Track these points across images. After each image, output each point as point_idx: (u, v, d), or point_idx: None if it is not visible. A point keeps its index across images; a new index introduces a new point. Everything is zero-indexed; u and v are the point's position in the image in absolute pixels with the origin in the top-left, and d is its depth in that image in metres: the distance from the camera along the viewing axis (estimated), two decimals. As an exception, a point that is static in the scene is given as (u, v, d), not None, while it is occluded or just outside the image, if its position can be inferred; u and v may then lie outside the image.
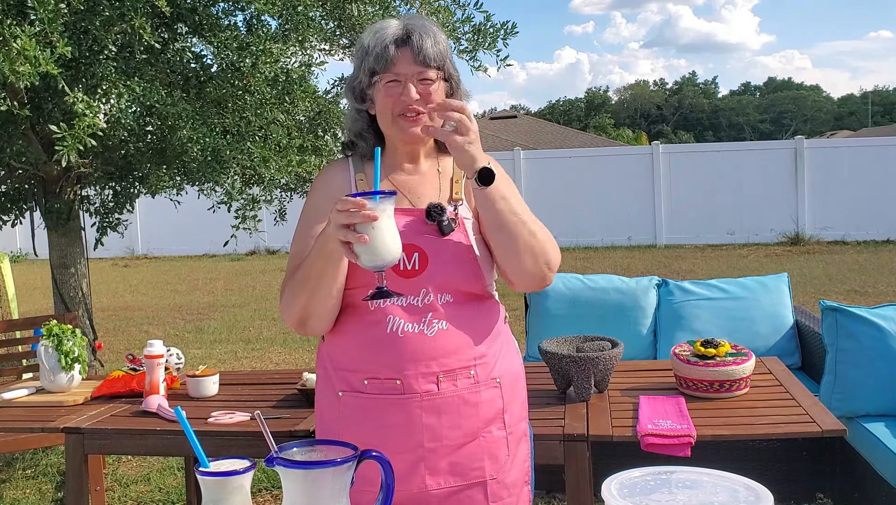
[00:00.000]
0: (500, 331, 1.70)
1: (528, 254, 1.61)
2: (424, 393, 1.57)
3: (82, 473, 2.42)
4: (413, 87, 1.61)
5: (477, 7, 4.43)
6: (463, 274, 1.61)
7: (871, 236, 14.54)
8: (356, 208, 1.37)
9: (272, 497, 3.72)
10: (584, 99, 68.68)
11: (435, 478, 1.59)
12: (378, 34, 1.64)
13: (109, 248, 7.20)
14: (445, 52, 1.65)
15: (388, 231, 1.41)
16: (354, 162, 1.74)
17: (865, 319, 3.05)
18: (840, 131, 44.93)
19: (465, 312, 1.62)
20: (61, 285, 5.01)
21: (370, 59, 1.63)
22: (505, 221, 1.58)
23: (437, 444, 1.59)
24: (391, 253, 1.41)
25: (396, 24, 1.65)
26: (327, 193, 1.70)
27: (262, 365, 6.74)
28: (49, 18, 3.26)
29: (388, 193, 1.41)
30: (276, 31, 4.28)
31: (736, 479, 0.99)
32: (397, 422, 1.58)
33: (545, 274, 1.65)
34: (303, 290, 1.59)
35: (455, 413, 1.59)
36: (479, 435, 1.61)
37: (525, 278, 1.65)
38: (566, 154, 17.38)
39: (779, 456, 3.30)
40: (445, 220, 1.61)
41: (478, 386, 1.61)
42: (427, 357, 1.57)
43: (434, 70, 1.63)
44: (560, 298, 3.99)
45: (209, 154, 4.14)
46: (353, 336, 1.62)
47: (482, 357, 1.62)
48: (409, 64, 1.62)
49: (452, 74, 1.68)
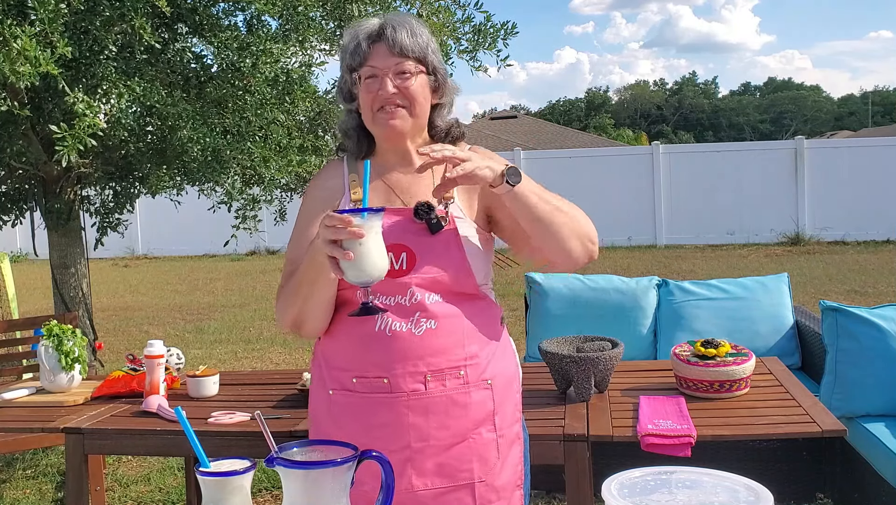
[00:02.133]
0: (495, 332, 1.68)
1: (574, 237, 1.61)
2: (411, 392, 1.56)
3: (82, 473, 2.41)
4: (389, 81, 1.60)
5: (477, 7, 4.43)
6: (451, 273, 1.60)
7: (871, 236, 14.53)
8: (342, 225, 1.36)
9: (272, 497, 3.72)
10: (585, 99, 68.65)
11: (422, 479, 1.58)
12: (353, 31, 1.65)
13: (109, 248, 7.19)
14: (425, 44, 1.63)
15: (375, 248, 1.39)
16: (349, 162, 1.73)
17: (865, 319, 3.05)
18: (840, 131, 44.90)
19: (456, 312, 1.60)
20: (61, 285, 5.01)
21: (347, 57, 1.64)
22: (543, 213, 1.57)
23: (425, 444, 1.58)
24: (377, 270, 1.40)
25: (375, 21, 1.65)
26: (322, 196, 1.70)
27: (262, 365, 6.74)
28: (49, 18, 3.26)
29: (376, 210, 1.40)
30: (277, 32, 4.29)
31: (736, 479, 0.99)
32: (385, 421, 1.57)
33: (591, 250, 1.66)
34: (296, 296, 1.60)
35: (443, 413, 1.58)
36: (468, 437, 1.60)
37: (573, 260, 1.64)
38: (566, 154, 17.39)
39: (779, 456, 3.30)
40: (434, 217, 1.60)
41: (467, 387, 1.60)
42: (415, 356, 1.56)
43: (412, 62, 1.61)
44: (560, 298, 3.99)
45: (209, 154, 4.14)
46: (343, 334, 1.63)
47: (473, 358, 1.61)
48: (385, 57, 1.61)
49: (437, 68, 1.66)
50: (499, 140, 24.42)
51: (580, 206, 1.68)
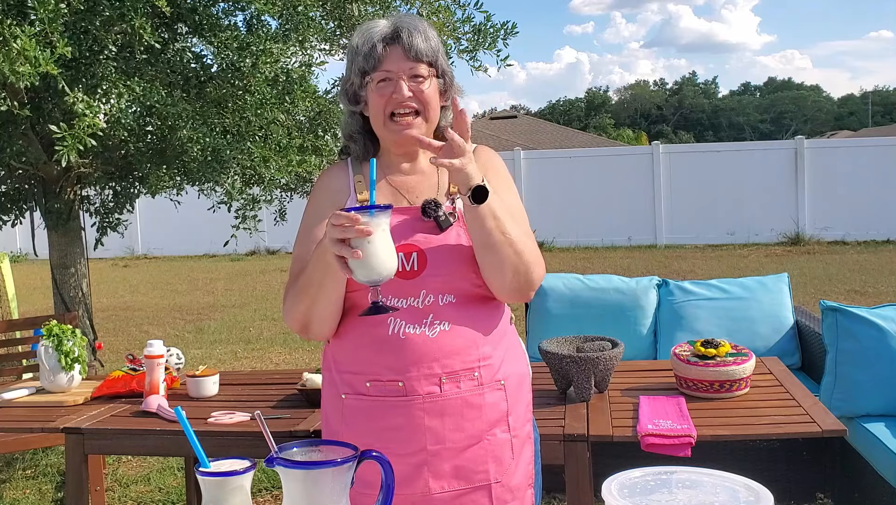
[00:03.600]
0: (506, 332, 1.68)
1: (511, 272, 1.58)
2: (427, 395, 1.55)
3: (82, 473, 2.41)
4: (405, 84, 1.59)
5: (477, 7, 4.43)
6: (463, 272, 1.59)
7: (871, 236, 14.53)
8: (350, 223, 1.35)
9: (272, 497, 3.72)
10: (585, 99, 68.69)
11: (438, 481, 1.57)
12: (366, 33, 1.62)
13: (109, 248, 7.19)
14: (437, 48, 1.63)
15: (383, 246, 1.38)
16: (353, 163, 1.72)
17: (865, 319, 3.05)
18: (840, 131, 44.89)
19: (469, 313, 1.60)
20: (61, 285, 5.01)
21: (360, 59, 1.62)
22: (493, 241, 1.55)
23: (441, 446, 1.57)
24: (386, 268, 1.39)
25: (385, 22, 1.63)
26: (327, 196, 1.69)
27: (262, 365, 6.73)
28: (49, 18, 3.26)
29: (384, 207, 1.39)
30: (277, 31, 4.28)
31: (736, 479, 0.99)
32: (400, 424, 1.56)
33: (526, 292, 1.64)
34: (303, 297, 1.58)
35: (458, 415, 1.57)
36: (483, 438, 1.60)
37: (505, 294, 1.63)
38: (566, 154, 17.38)
39: (779, 456, 3.29)
40: (442, 214, 1.59)
41: (482, 388, 1.59)
42: (429, 359, 1.55)
43: (425, 66, 1.61)
44: (560, 298, 3.99)
45: (209, 154, 4.14)
46: (355, 338, 1.61)
47: (487, 358, 1.60)
48: (400, 60, 1.60)
49: (446, 71, 1.66)
50: (499, 140, 24.41)
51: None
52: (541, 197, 15.52)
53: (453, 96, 1.61)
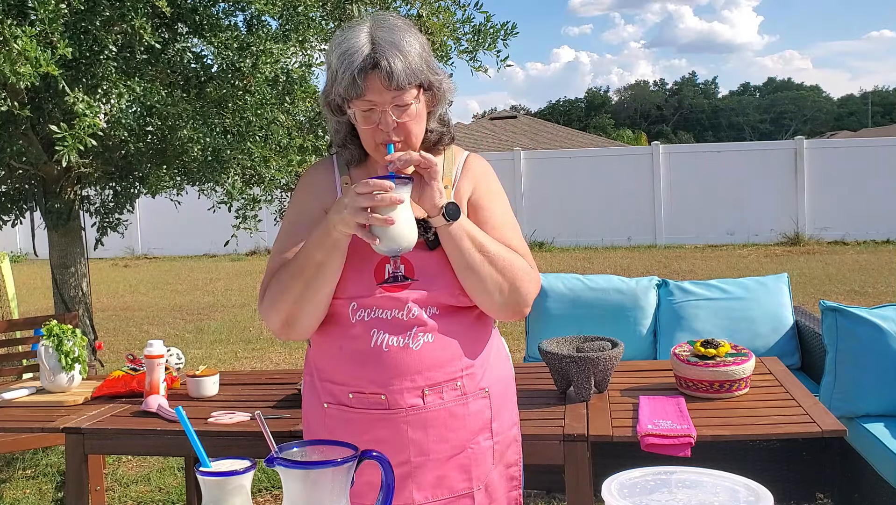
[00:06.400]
0: (490, 337, 1.67)
1: (496, 291, 1.56)
2: (410, 408, 1.54)
3: (82, 473, 2.41)
4: (390, 116, 1.52)
5: (477, 7, 4.43)
6: (449, 288, 1.57)
7: (871, 236, 14.54)
8: (380, 190, 1.36)
9: (272, 497, 3.72)
10: (585, 99, 68.72)
11: (422, 492, 1.57)
12: (345, 59, 1.51)
13: (109, 248, 7.18)
14: (421, 63, 1.53)
15: (407, 216, 1.41)
16: (339, 163, 1.69)
17: (865, 320, 3.05)
18: (840, 132, 44.88)
19: (453, 325, 1.58)
20: (61, 285, 5.01)
21: (340, 87, 1.53)
22: (471, 261, 1.53)
23: (425, 458, 1.56)
24: (407, 239, 1.42)
25: (364, 40, 1.51)
26: (314, 192, 1.68)
27: (262, 365, 6.74)
28: (49, 19, 3.26)
29: (407, 178, 1.41)
30: (277, 32, 4.28)
31: (736, 479, 0.99)
32: (383, 437, 1.55)
33: (518, 309, 1.61)
34: (295, 283, 1.54)
35: (442, 427, 1.57)
36: (467, 447, 1.59)
37: (497, 312, 1.62)
38: (566, 154, 17.38)
39: (779, 456, 3.29)
40: (431, 235, 1.56)
41: (465, 398, 1.58)
42: (412, 371, 1.54)
43: (409, 91, 1.52)
44: (560, 298, 3.99)
45: (209, 154, 4.14)
46: (337, 349, 1.60)
47: (469, 368, 1.59)
48: (382, 91, 1.50)
49: (432, 81, 1.57)
50: (499, 140, 24.41)
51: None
52: (541, 197, 15.53)
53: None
